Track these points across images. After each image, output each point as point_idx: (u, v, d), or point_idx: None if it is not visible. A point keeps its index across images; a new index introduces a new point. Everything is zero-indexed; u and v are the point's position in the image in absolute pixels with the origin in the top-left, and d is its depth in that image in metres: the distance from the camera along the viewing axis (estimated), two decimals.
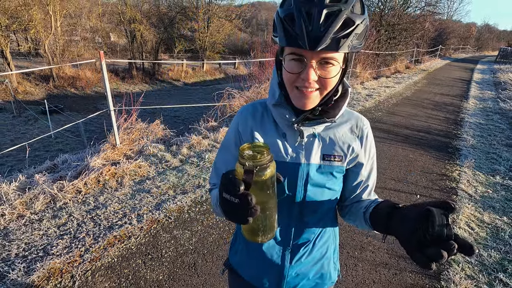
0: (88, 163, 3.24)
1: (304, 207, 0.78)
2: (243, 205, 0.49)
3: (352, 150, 0.78)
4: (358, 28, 0.61)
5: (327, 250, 0.87)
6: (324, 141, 0.77)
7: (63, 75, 14.84)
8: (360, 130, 0.80)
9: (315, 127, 0.75)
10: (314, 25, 0.58)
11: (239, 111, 0.85)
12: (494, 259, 2.29)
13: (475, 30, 46.81)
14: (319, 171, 0.76)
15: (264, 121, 0.80)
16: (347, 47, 0.61)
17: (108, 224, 2.40)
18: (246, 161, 0.53)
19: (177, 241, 2.28)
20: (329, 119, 0.72)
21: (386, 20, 14.25)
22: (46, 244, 2.15)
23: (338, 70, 0.66)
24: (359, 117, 0.82)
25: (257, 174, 0.53)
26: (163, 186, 3.02)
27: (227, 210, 0.53)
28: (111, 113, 3.58)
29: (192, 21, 20.31)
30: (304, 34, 0.59)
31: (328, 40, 0.58)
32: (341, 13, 0.59)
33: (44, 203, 2.60)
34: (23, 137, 9.13)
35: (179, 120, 10.85)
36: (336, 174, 0.78)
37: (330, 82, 0.67)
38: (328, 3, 0.59)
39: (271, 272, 0.84)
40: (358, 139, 0.79)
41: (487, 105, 8.12)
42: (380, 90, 9.06)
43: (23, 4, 12.93)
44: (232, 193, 0.50)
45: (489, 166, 4.08)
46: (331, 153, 0.77)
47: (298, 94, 0.68)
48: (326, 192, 0.79)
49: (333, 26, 0.58)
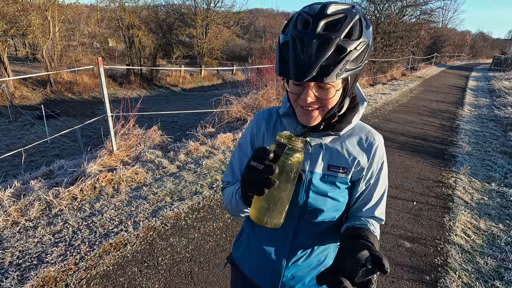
0: (85, 169, 3.22)
1: (306, 212, 0.80)
2: (266, 172, 0.53)
3: (358, 163, 0.78)
4: (350, 54, 0.61)
5: (325, 259, 0.88)
6: (330, 152, 0.78)
7: (61, 80, 14.80)
8: (369, 144, 0.80)
9: (322, 138, 0.77)
10: (305, 55, 0.60)
11: (256, 115, 0.89)
12: (491, 266, 2.30)
13: (469, 38, 47.57)
14: (322, 180, 0.78)
15: (276, 128, 0.84)
16: (335, 76, 0.60)
17: (104, 232, 2.38)
18: (281, 138, 0.57)
19: (174, 249, 2.27)
20: (334, 132, 0.75)
21: (382, 28, 14.45)
22: (40, 251, 2.13)
23: (336, 92, 0.67)
24: (370, 132, 0.81)
25: (288, 153, 0.57)
26: (160, 193, 3.01)
27: (248, 179, 0.55)
28: (108, 119, 3.58)
29: (190, 28, 20.46)
30: (294, 66, 0.61)
31: (314, 72, 0.60)
32: (332, 41, 0.59)
33: (39, 210, 2.58)
34: (19, 142, 9.06)
35: (177, 126, 10.84)
36: (339, 185, 0.79)
37: (330, 101, 0.68)
38: (320, 31, 0.60)
39: (269, 269, 0.87)
40: (366, 153, 0.79)
41: (482, 112, 8.22)
42: (376, 97, 9.14)
43: (21, 9, 12.96)
44: (261, 160, 0.54)
45: (484, 173, 4.11)
46: (336, 164, 0.78)
47: (301, 112, 0.71)
48: (329, 201, 0.79)
49: (322, 55, 0.59)
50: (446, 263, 2.31)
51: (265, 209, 0.60)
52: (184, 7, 20.91)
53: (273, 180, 0.53)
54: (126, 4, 18.26)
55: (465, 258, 2.39)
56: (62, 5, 14.93)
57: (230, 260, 0.99)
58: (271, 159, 0.54)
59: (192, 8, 20.53)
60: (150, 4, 20.08)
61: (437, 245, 2.53)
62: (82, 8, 19.18)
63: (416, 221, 2.87)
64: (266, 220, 0.61)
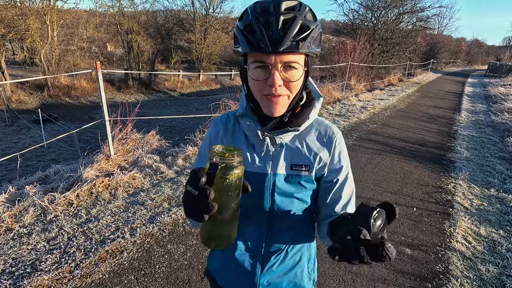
0: (81, 174, 3.18)
1: (274, 216, 0.78)
2: (201, 198, 0.49)
3: (320, 159, 0.77)
4: (313, 31, 0.65)
5: (300, 259, 0.86)
6: (291, 150, 0.77)
7: (58, 84, 14.74)
8: (329, 138, 0.79)
9: (282, 137, 0.75)
10: (274, 31, 0.61)
11: (213, 121, 0.87)
12: (493, 274, 2.27)
13: (465, 45, 48.21)
14: (286, 181, 0.76)
15: (235, 132, 0.82)
16: (306, 47, 0.64)
17: (100, 238, 2.33)
18: (214, 157, 0.54)
19: (171, 256, 2.22)
20: (292, 128, 0.73)
21: (379, 34, 14.61)
22: (34, 259, 2.08)
23: (302, 73, 0.68)
24: (328, 126, 0.82)
25: (223, 172, 0.53)
26: (158, 198, 2.97)
27: (186, 204, 0.52)
28: (106, 123, 3.54)
29: (189, 33, 20.55)
30: (266, 38, 0.61)
31: (288, 42, 0.61)
32: (296, 18, 0.62)
33: (34, 216, 2.53)
34: (15, 146, 8.97)
35: (175, 130, 10.80)
36: (304, 184, 0.77)
37: (295, 85, 0.68)
38: (283, 11, 0.63)
39: (244, 279, 0.84)
40: (326, 148, 0.79)
41: (479, 118, 8.27)
42: (374, 102, 9.18)
43: (20, 13, 12.96)
44: (194, 185, 0.50)
45: (483, 178, 4.11)
46: (298, 163, 0.76)
47: (267, 102, 0.69)
48: (296, 202, 0.78)
49: (291, 29, 0.61)
50: (447, 271, 2.29)
51: (212, 232, 0.57)
52: (183, 12, 21.05)
53: (211, 205, 0.49)
54: (125, 9, 18.34)
55: (466, 265, 2.36)
56: (61, 9, 14.96)
57: (207, 274, 0.96)
58: (205, 182, 0.50)
59: (191, 13, 20.66)
60: (149, 10, 20.15)
61: (438, 252, 2.50)
62: (81, 13, 19.23)
63: (417, 227, 2.85)
64: (215, 244, 0.58)
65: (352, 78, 11.03)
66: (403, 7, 15.02)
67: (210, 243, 0.58)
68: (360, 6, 15.28)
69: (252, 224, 0.80)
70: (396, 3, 14.69)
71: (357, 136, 5.60)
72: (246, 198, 0.69)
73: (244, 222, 0.78)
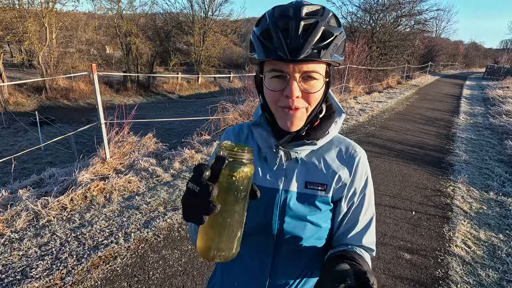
0: (76, 177, 3.13)
1: (282, 241, 0.69)
2: (202, 196, 0.44)
3: (339, 178, 0.69)
4: (337, 38, 0.60)
5: None
6: (307, 166, 0.69)
7: (56, 87, 14.71)
8: (350, 156, 0.71)
9: (298, 151, 0.68)
10: (293, 37, 0.57)
11: (225, 131, 0.82)
12: (493, 279, 2.24)
13: (462, 47, 48.49)
14: (299, 200, 0.68)
15: (248, 142, 0.76)
16: (329, 55, 0.59)
17: (93, 244, 2.29)
18: (221, 150, 0.49)
19: (166, 262, 2.18)
20: (309, 140, 0.67)
21: (377, 37, 14.65)
22: (25, 265, 2.03)
23: (322, 84, 0.62)
24: (350, 144, 0.73)
25: (230, 167, 0.47)
26: (153, 203, 2.92)
27: (185, 204, 0.46)
28: (101, 126, 3.51)
29: (188, 35, 20.58)
30: (284, 45, 0.57)
31: (309, 50, 0.57)
32: (318, 24, 0.58)
33: (26, 221, 2.48)
34: (12, 149, 8.90)
35: (173, 133, 10.76)
36: (319, 205, 0.68)
37: (315, 97, 0.62)
38: (304, 16, 0.58)
39: None
40: (347, 167, 0.70)
41: (477, 121, 8.27)
42: (373, 105, 9.17)
43: (18, 16, 12.95)
44: (196, 180, 0.45)
45: (482, 181, 4.08)
46: (314, 181, 0.68)
47: (283, 114, 0.63)
48: (309, 227, 0.68)
49: (312, 36, 0.57)
50: (447, 276, 2.25)
51: (211, 238, 0.49)
52: (182, 15, 21.09)
53: (213, 204, 0.44)
54: (123, 12, 18.36)
55: (466, 270, 2.32)
56: (60, 12, 14.95)
57: None
58: (209, 177, 0.45)
59: (190, 16, 20.70)
60: (148, 12, 20.19)
61: (438, 257, 2.46)
62: (80, 15, 19.24)
63: (416, 231, 2.81)
64: (213, 254, 0.49)
65: (350, 81, 11.03)
66: (401, 10, 15.08)
67: (208, 252, 0.49)
68: (358, 9, 15.34)
69: (256, 249, 0.72)
70: (394, 6, 14.75)
71: (355, 139, 5.57)
72: (252, 216, 0.64)
73: (246, 245, 0.68)
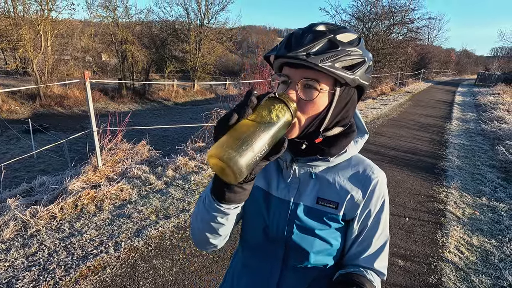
0: (67, 186, 3.09)
1: (290, 251, 0.69)
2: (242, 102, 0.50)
3: (351, 198, 0.67)
4: (341, 52, 0.59)
5: None
6: (321, 183, 0.69)
7: (51, 94, 14.60)
8: (367, 178, 0.68)
9: (313, 167, 0.68)
10: (297, 39, 0.60)
11: None
12: (486, 285, 2.23)
13: (454, 55, 49.44)
14: (309, 215, 0.68)
15: None
16: (319, 60, 0.57)
17: (83, 253, 2.24)
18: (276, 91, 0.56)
19: (156, 272, 2.14)
20: (322, 156, 0.65)
21: (371, 45, 14.89)
22: (11, 277, 1.97)
23: (322, 96, 0.61)
24: (369, 165, 0.71)
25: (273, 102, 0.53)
26: (145, 211, 2.89)
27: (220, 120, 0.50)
28: (93, 133, 3.48)
29: (183, 43, 20.69)
30: (285, 44, 0.61)
31: (301, 50, 0.57)
32: (324, 35, 0.59)
33: (14, 231, 2.43)
34: (4, 157, 8.77)
35: (168, 140, 10.71)
36: (328, 222, 0.68)
37: (312, 107, 0.61)
38: (317, 29, 0.61)
39: None
40: (362, 188, 0.68)
41: (469, 127, 8.38)
42: (367, 111, 9.26)
43: (13, 24, 12.93)
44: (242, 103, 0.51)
45: (474, 187, 4.11)
46: (326, 198, 0.68)
47: None
48: (317, 242, 0.68)
49: (311, 41, 0.58)
50: (440, 282, 2.24)
51: (229, 140, 0.47)
52: (178, 23, 21.22)
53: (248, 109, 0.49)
54: (119, 20, 18.44)
55: (459, 276, 2.32)
56: (55, 20, 14.97)
57: None
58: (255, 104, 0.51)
59: (186, 24, 20.85)
60: (144, 20, 20.30)
61: (431, 263, 2.46)
62: (76, 23, 19.27)
63: (409, 237, 2.81)
64: (225, 155, 0.45)
65: None
66: (394, 18, 15.38)
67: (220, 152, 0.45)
68: (352, 18, 15.63)
69: (264, 258, 0.72)
70: (387, 15, 15.05)
71: None
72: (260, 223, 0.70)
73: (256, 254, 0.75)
